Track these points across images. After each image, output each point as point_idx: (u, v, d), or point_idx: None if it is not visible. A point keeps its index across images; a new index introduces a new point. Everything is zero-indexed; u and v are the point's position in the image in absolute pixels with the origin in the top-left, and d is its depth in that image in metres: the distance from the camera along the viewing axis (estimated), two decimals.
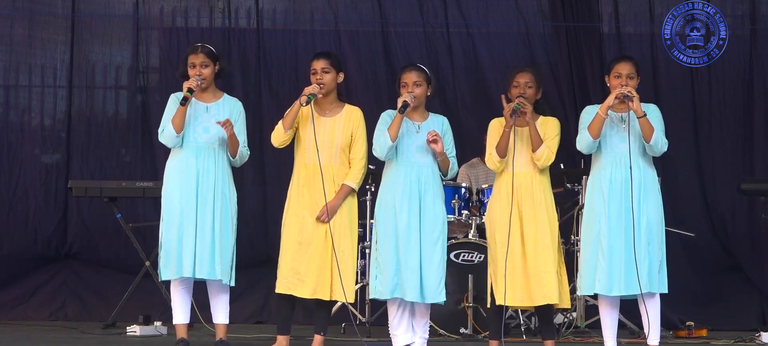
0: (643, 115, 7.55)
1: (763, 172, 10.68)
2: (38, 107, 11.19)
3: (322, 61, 7.85)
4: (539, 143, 7.65)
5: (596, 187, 7.71)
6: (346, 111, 7.88)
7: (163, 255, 7.89)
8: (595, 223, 7.67)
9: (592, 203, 7.72)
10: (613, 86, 7.66)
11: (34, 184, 11.00)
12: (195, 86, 7.83)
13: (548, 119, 7.80)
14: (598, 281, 7.62)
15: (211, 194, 7.87)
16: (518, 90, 7.70)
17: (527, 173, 7.71)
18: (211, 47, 7.98)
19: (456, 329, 9.24)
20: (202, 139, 7.91)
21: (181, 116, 7.84)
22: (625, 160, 7.62)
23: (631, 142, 7.62)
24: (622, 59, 7.79)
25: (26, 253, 10.95)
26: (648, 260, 7.59)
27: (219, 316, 8.03)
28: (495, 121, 7.86)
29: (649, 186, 7.67)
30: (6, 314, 10.66)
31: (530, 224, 7.66)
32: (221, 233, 7.87)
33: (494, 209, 7.77)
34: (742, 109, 10.80)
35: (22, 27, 11.13)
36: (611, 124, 7.68)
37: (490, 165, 7.80)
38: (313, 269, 7.74)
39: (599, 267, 7.61)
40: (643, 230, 7.60)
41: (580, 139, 7.70)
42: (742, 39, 10.77)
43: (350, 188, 7.82)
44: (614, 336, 7.79)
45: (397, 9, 10.95)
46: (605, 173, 7.68)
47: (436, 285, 7.67)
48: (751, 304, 10.69)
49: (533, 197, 7.69)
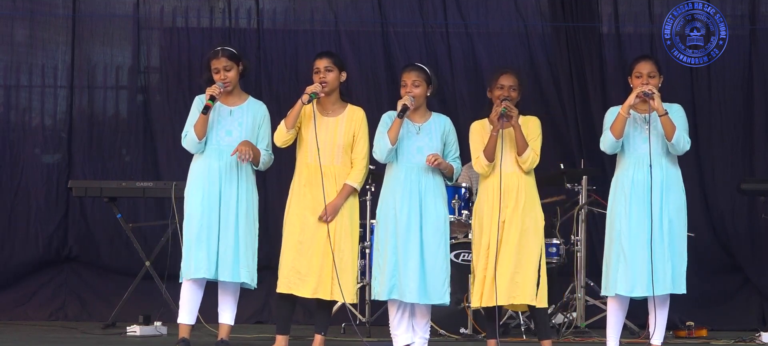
0: (664, 114, 7.56)
1: (763, 172, 10.68)
2: (39, 107, 11.20)
3: (326, 60, 7.86)
4: (525, 146, 7.64)
5: (619, 188, 7.72)
6: (349, 111, 7.88)
7: (185, 255, 7.89)
8: (616, 223, 7.67)
9: (614, 204, 7.72)
10: (634, 86, 7.68)
11: (35, 184, 11.01)
12: (217, 93, 7.82)
13: (529, 119, 7.79)
14: (620, 282, 7.61)
15: (234, 197, 7.88)
16: (503, 92, 7.68)
17: (514, 173, 7.71)
18: (232, 49, 7.97)
19: (456, 329, 9.24)
20: (225, 142, 7.91)
21: (203, 124, 7.83)
22: (647, 161, 7.62)
23: (653, 142, 7.62)
24: (642, 58, 7.81)
25: (27, 253, 10.95)
26: (671, 262, 7.60)
27: (225, 316, 8.05)
28: (476, 124, 7.84)
29: (671, 186, 7.68)
30: (6, 314, 10.66)
31: (514, 225, 7.65)
32: (246, 236, 7.89)
33: (482, 210, 7.76)
34: (742, 109, 10.80)
35: (23, 27, 11.14)
36: (634, 124, 7.69)
37: (478, 169, 7.77)
38: (315, 269, 7.75)
39: (620, 268, 7.61)
40: (665, 230, 7.61)
41: (604, 139, 7.70)
42: (742, 39, 10.76)
43: (352, 188, 7.83)
44: (618, 337, 7.80)
45: (397, 9, 10.96)
46: (628, 173, 7.69)
47: (439, 286, 7.69)
48: (751, 304, 10.69)
49: (518, 199, 7.68)
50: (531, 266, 7.62)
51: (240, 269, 7.86)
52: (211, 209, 7.85)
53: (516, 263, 7.60)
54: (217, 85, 7.83)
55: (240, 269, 7.86)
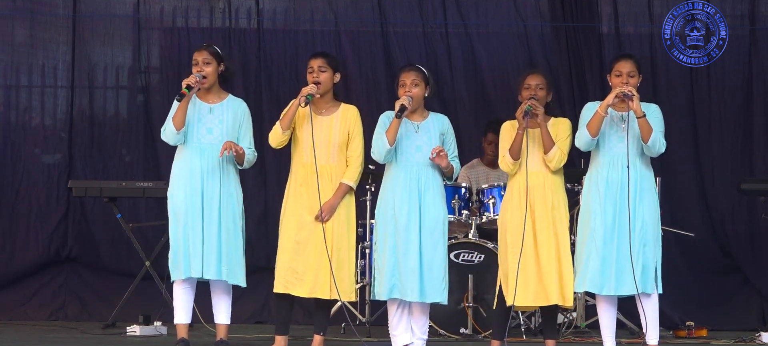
0: (642, 116, 7.54)
1: (763, 172, 10.67)
2: (39, 107, 11.21)
3: (320, 59, 7.88)
4: (551, 145, 7.66)
5: (593, 186, 7.72)
6: (343, 109, 7.90)
7: (172, 256, 7.91)
8: (590, 221, 7.68)
9: (588, 202, 7.73)
10: (614, 85, 7.66)
11: (35, 184, 11.01)
12: (194, 83, 7.84)
13: (560, 120, 7.83)
14: (590, 279, 7.63)
15: (216, 195, 7.88)
16: (529, 92, 7.71)
17: (539, 173, 7.73)
18: (216, 47, 8.01)
19: (456, 329, 9.24)
20: (205, 140, 7.92)
21: (181, 113, 7.84)
22: (622, 161, 7.62)
23: (630, 143, 7.61)
24: (622, 57, 7.80)
25: (27, 253, 10.96)
26: (642, 261, 7.59)
27: (221, 316, 8.05)
28: (507, 124, 7.87)
29: (645, 187, 7.67)
30: (6, 314, 10.66)
31: (544, 224, 7.67)
32: (228, 234, 7.89)
33: (507, 209, 7.79)
34: (741, 109, 10.79)
35: (24, 27, 11.14)
36: (611, 123, 7.68)
37: (504, 167, 7.80)
38: (312, 269, 7.76)
39: (591, 265, 7.62)
40: (638, 231, 7.60)
41: (579, 135, 7.70)
42: (742, 39, 10.76)
43: (348, 187, 7.84)
44: (613, 336, 7.79)
45: (397, 9, 10.96)
46: (602, 172, 7.69)
47: (437, 285, 7.69)
48: (751, 304, 10.68)
49: (545, 198, 7.70)
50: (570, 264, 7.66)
51: (222, 268, 7.85)
52: (194, 208, 7.85)
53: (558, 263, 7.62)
54: (194, 76, 7.85)
55: (222, 267, 7.85)
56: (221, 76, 8.05)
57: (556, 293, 7.64)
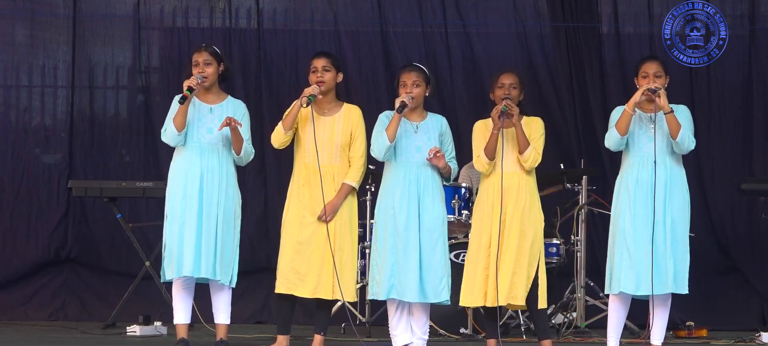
0: (669, 112, 7.57)
1: (763, 172, 10.68)
2: (39, 107, 11.21)
3: (323, 59, 7.88)
4: (526, 145, 7.66)
5: (623, 186, 7.73)
6: (345, 110, 7.90)
7: (166, 255, 7.91)
8: (621, 222, 7.68)
9: (619, 203, 7.74)
10: (640, 86, 7.69)
11: (35, 184, 11.01)
12: (195, 85, 7.84)
13: (532, 119, 7.81)
14: (624, 280, 7.62)
15: (215, 195, 7.88)
16: (503, 91, 7.70)
17: (515, 173, 7.72)
18: (215, 48, 8.02)
19: (456, 329, 9.24)
20: (205, 140, 7.93)
21: (182, 115, 7.85)
22: (651, 159, 7.63)
23: (658, 141, 7.62)
24: (649, 59, 7.84)
25: (27, 253, 10.96)
26: (673, 261, 7.61)
27: (220, 316, 8.05)
28: (479, 123, 7.87)
29: (675, 185, 7.69)
30: (6, 314, 10.67)
31: (514, 225, 7.65)
32: (224, 234, 7.89)
33: (482, 208, 7.77)
34: (741, 109, 10.80)
35: (24, 27, 11.15)
36: (640, 123, 7.70)
37: (479, 167, 7.79)
38: (314, 269, 7.76)
39: (625, 266, 7.62)
40: (668, 230, 7.61)
41: (609, 136, 7.72)
42: (741, 39, 10.76)
43: (350, 187, 7.84)
44: (618, 336, 7.80)
45: (397, 9, 10.96)
46: (632, 172, 7.70)
47: (437, 285, 7.69)
48: (751, 304, 10.69)
49: (519, 199, 7.69)
50: (528, 267, 7.62)
51: (216, 267, 7.85)
52: (191, 208, 7.85)
53: (514, 263, 7.61)
54: (195, 77, 7.86)
55: (216, 266, 7.85)
56: (221, 76, 8.06)
57: (504, 295, 7.61)
